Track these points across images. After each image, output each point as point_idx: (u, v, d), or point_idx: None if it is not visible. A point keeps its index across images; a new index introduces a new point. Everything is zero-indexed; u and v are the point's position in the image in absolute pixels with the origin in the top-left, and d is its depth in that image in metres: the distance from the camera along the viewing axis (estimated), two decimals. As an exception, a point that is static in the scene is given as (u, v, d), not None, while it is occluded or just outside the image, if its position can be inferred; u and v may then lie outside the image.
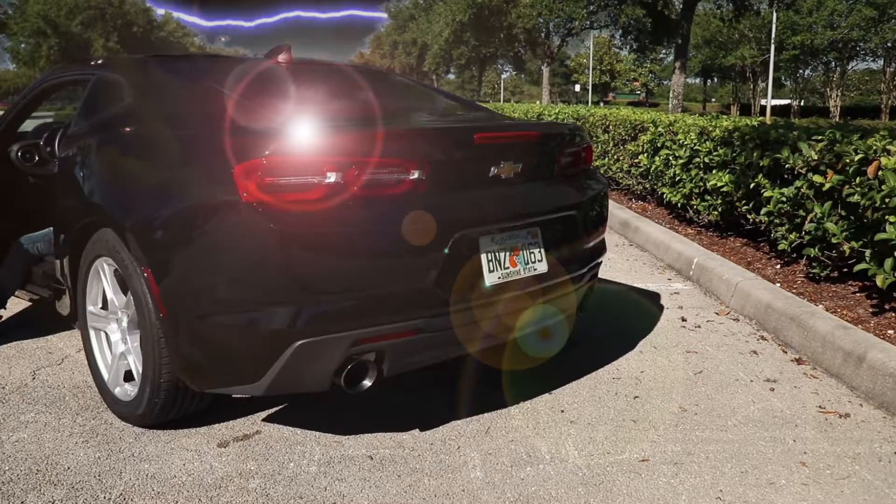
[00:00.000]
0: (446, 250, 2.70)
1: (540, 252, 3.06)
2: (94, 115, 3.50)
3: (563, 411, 3.20)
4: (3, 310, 4.30)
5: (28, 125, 4.62)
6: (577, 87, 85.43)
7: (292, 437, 2.96)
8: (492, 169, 2.88)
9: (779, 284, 4.72)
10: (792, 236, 4.91)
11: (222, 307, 2.58)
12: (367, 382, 2.68)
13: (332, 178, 2.50)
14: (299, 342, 2.50)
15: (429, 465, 2.74)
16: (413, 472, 2.70)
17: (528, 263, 3.00)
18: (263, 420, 3.10)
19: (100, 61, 3.82)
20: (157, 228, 2.74)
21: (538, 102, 27.03)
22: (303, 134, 2.61)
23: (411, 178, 2.65)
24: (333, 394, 3.27)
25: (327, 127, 2.79)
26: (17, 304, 4.73)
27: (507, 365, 3.64)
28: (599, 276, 5.45)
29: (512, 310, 2.98)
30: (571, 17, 34.04)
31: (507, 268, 2.92)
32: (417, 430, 3.01)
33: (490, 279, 2.86)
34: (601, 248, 3.63)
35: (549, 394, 3.37)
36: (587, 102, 56.14)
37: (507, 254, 2.93)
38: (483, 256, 2.85)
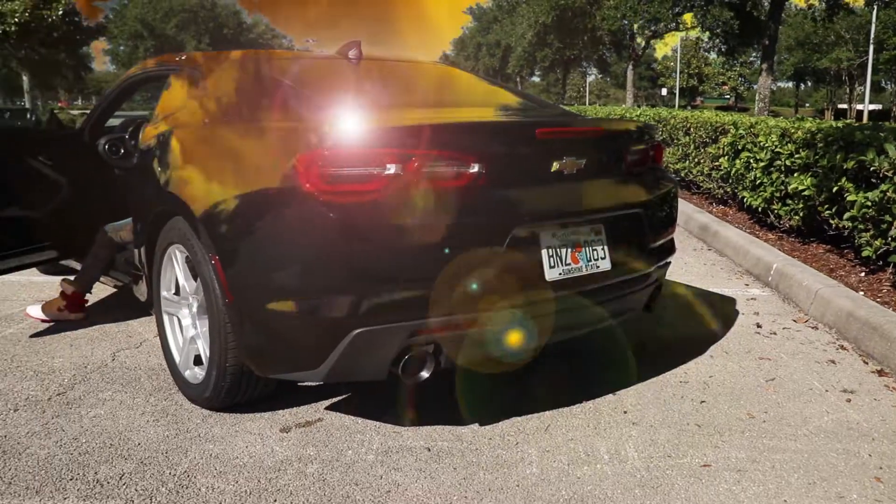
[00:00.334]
0: (505, 244, 2.70)
1: (603, 249, 3.03)
2: (171, 108, 3.63)
3: (625, 412, 3.16)
4: (88, 294, 4.49)
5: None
6: (664, 91, 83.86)
7: (353, 425, 3.00)
8: (554, 164, 2.87)
9: (862, 293, 4.56)
10: (877, 242, 4.73)
11: (284, 294, 2.64)
12: (425, 373, 2.70)
13: (391, 169, 2.53)
14: (357, 331, 2.54)
15: (485, 460, 2.74)
16: (469, 465, 2.70)
17: (590, 260, 2.97)
18: (326, 408, 3.16)
19: (181, 57, 3.96)
20: (223, 217, 2.82)
21: (622, 106, 26.63)
22: (364, 126, 2.65)
23: (471, 171, 2.65)
24: (395, 385, 3.32)
25: (388, 119, 2.83)
26: (102, 289, 4.93)
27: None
28: (675, 279, 5.37)
29: (573, 307, 2.96)
30: (656, 19, 33.44)
31: (569, 264, 2.90)
32: (477, 424, 3.02)
33: (550, 275, 2.84)
34: (669, 249, 3.57)
35: (612, 394, 3.33)
36: (674, 106, 55.02)
37: (569, 250, 2.91)
38: (544, 252, 2.84)
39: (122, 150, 4.25)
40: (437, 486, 2.56)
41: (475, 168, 2.65)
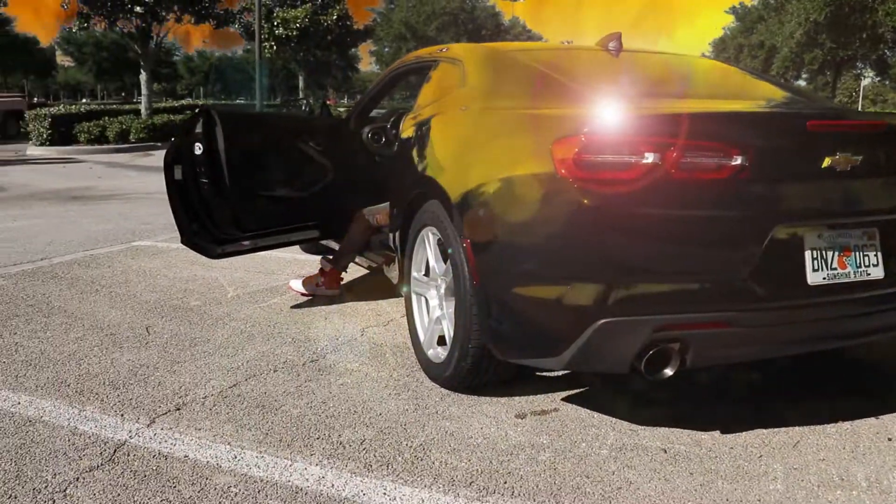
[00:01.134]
0: (765, 243, 2.53)
1: (876, 256, 2.75)
2: (433, 96, 3.77)
3: (889, 440, 2.85)
4: (344, 273, 4.78)
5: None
6: (959, 98, 74.85)
7: (588, 419, 2.96)
8: (825, 159, 2.63)
9: None
10: None
11: (532, 279, 2.65)
12: (669, 371, 2.59)
13: (649, 158, 2.45)
14: (603, 320, 2.48)
15: (725, 469, 2.59)
16: (707, 472, 2.57)
17: (860, 266, 2.71)
18: (562, 399, 3.14)
19: (441, 50, 4.10)
20: (477, 200, 2.88)
21: (904, 113, 24.10)
22: (622, 113, 2.59)
23: (733, 163, 2.51)
24: (635, 383, 3.24)
25: (647, 107, 2.75)
26: (356, 270, 5.23)
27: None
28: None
29: (838, 315, 2.72)
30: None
31: (835, 269, 2.66)
32: (718, 431, 2.86)
33: (813, 279, 2.62)
34: None
35: (875, 418, 3.02)
36: (968, 115, 48.08)
37: (836, 254, 2.67)
38: (807, 254, 2.62)
39: (384, 139, 4.49)
40: (671, 489, 2.45)
41: (738, 161, 2.50)
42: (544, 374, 3.39)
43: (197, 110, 4.55)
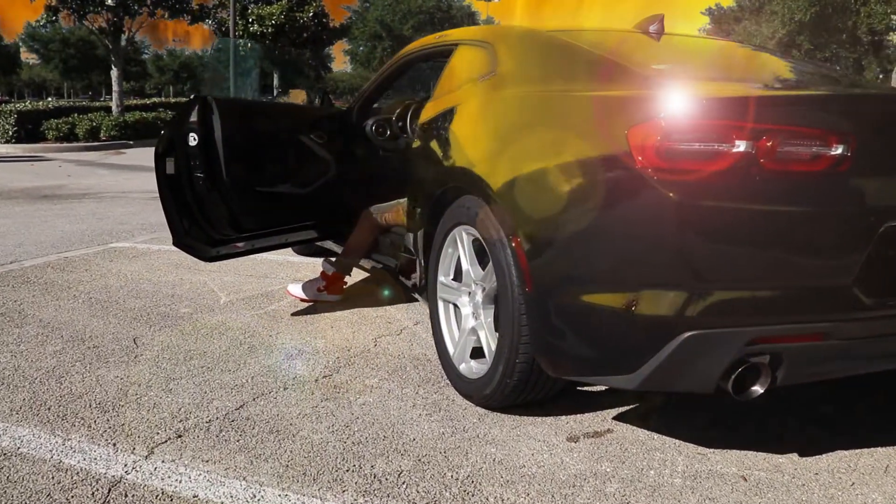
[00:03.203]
0: (872, 244, 2.19)
1: None
2: (457, 82, 3.40)
3: None
4: (347, 277, 4.41)
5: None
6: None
7: (648, 441, 2.61)
8: None
9: None
10: None
11: (600, 285, 2.29)
12: (758, 389, 2.23)
13: (740, 146, 2.10)
14: (688, 333, 2.13)
15: (817, 499, 2.26)
16: (798, 503, 2.24)
17: None
18: (614, 419, 2.79)
19: (463, 33, 3.76)
20: (528, 195, 2.51)
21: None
22: (707, 95, 2.24)
23: (834, 153, 2.16)
24: (690, 399, 2.91)
25: (737, 88, 2.40)
26: (357, 273, 4.85)
27: None
28: None
29: None
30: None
31: None
32: (796, 454, 2.53)
33: None
34: None
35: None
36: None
37: None
38: None
39: (389, 132, 4.15)
40: (765, 528, 2.12)
41: (839, 150, 2.15)
42: (586, 388, 3.05)
43: (192, 97, 4.15)
